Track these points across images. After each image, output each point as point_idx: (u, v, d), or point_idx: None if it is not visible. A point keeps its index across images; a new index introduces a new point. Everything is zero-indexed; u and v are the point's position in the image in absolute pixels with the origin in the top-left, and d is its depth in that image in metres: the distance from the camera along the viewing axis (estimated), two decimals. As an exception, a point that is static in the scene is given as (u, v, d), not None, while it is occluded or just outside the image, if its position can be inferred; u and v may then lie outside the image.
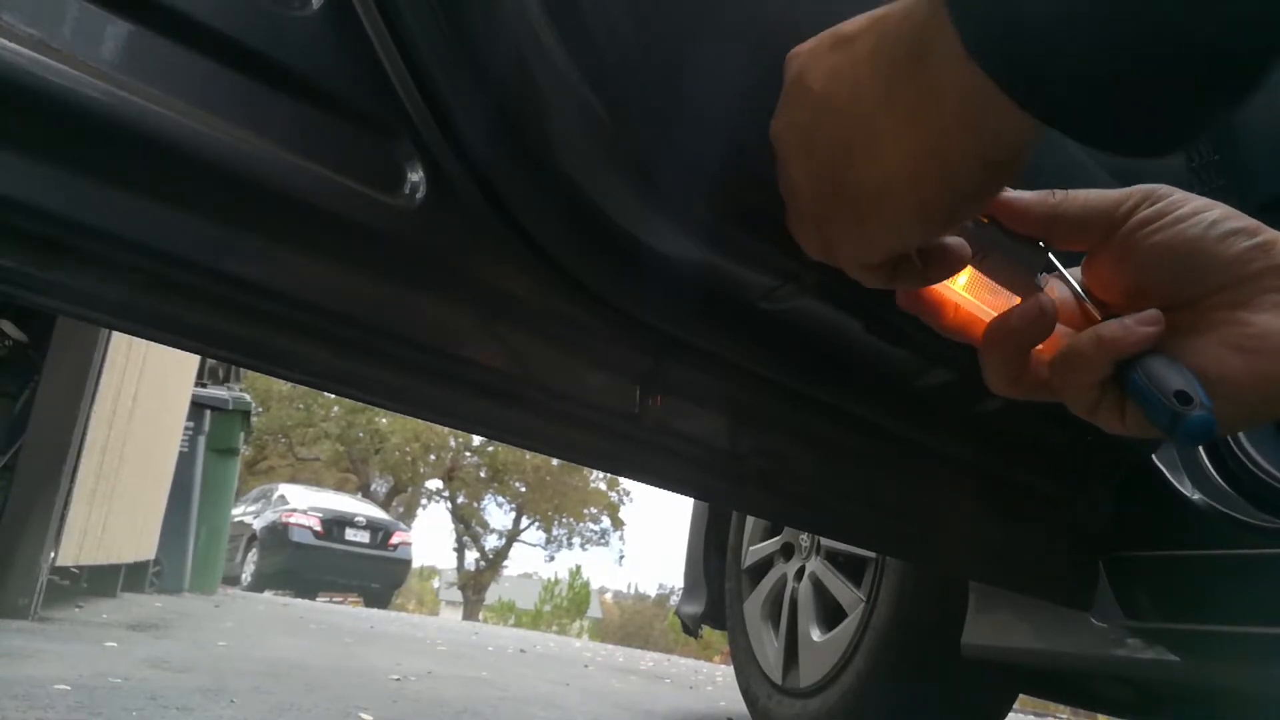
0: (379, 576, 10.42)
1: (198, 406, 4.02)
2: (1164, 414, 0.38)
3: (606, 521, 20.37)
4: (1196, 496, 0.92)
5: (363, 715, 1.51)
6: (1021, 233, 0.44)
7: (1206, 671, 0.90)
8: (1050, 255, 0.45)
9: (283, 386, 15.48)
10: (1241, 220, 0.42)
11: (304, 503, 10.38)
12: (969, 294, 0.46)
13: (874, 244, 0.41)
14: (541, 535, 20.51)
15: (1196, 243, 0.41)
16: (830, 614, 1.49)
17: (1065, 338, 0.44)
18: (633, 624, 20.24)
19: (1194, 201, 0.42)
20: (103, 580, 3.27)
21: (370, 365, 0.54)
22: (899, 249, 0.41)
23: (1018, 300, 0.45)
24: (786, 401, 0.72)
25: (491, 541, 19.97)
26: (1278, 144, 1.00)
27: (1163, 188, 0.43)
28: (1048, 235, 0.45)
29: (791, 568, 1.61)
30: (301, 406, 17.07)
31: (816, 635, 1.49)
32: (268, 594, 7.85)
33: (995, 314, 0.45)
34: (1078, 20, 0.28)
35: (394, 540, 10.59)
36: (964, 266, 0.44)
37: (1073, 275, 0.46)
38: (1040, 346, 0.44)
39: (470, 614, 18.31)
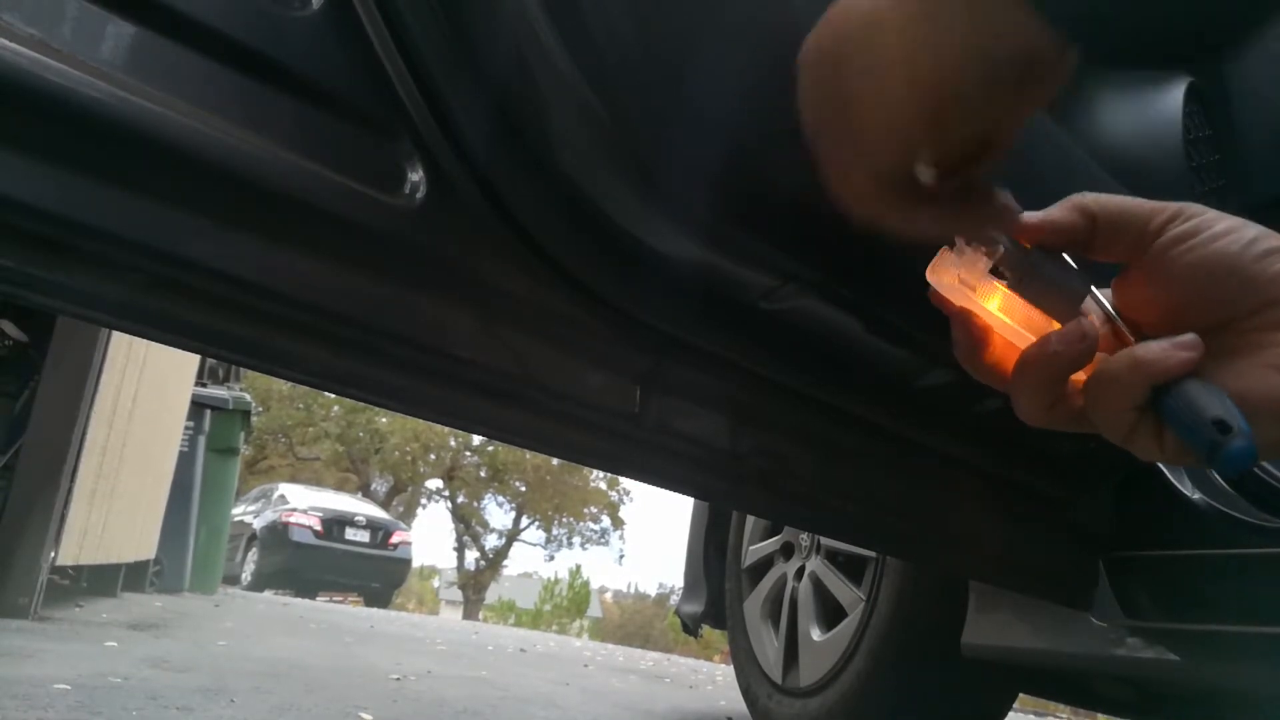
0: (379, 576, 10.42)
1: (198, 406, 4.02)
2: (1203, 442, 0.37)
3: (606, 521, 20.40)
4: (1196, 496, 0.92)
5: (363, 715, 1.51)
6: (1061, 246, 0.43)
7: (1206, 671, 0.90)
8: (1079, 271, 0.44)
9: (283, 386, 15.49)
10: (1277, 239, 0.41)
11: (304, 502, 10.38)
12: (1005, 320, 0.44)
13: (876, 151, 0.40)
14: (541, 535, 20.53)
15: (1234, 260, 0.40)
16: (830, 614, 1.49)
17: (1100, 363, 0.42)
18: (633, 623, 20.25)
19: (1227, 220, 0.41)
20: (103, 580, 3.27)
21: (370, 365, 0.54)
22: (902, 158, 0.40)
23: (1055, 326, 0.43)
24: (786, 401, 0.72)
25: (491, 541, 20.00)
26: (1278, 144, 1.00)
27: (1194, 206, 0.42)
28: (1087, 243, 0.43)
29: (791, 567, 1.61)
30: (301, 406, 17.07)
31: (816, 635, 1.49)
32: (268, 594, 7.85)
33: (1032, 339, 0.43)
34: None
35: (394, 540, 10.58)
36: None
37: (1104, 296, 0.44)
38: (1078, 375, 0.43)
39: (470, 613, 18.32)
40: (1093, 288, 0.44)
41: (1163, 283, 0.42)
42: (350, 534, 10.24)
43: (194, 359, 3.70)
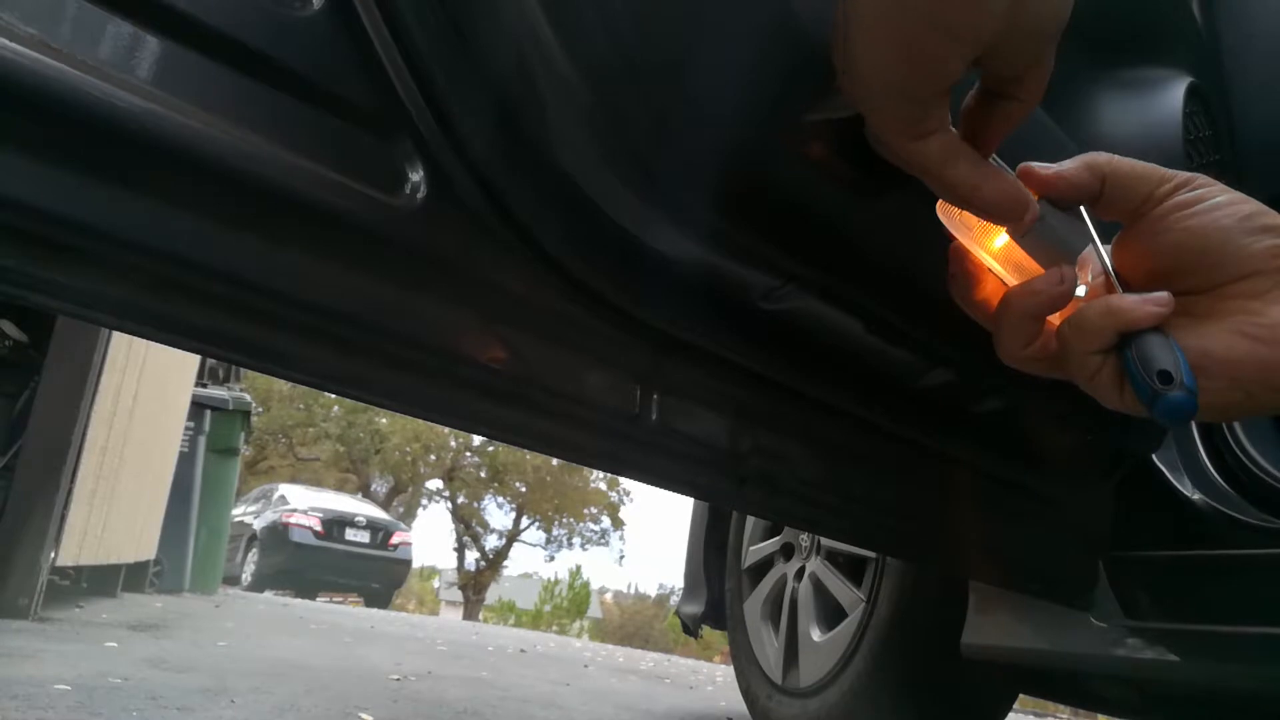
0: (379, 576, 10.42)
1: (198, 406, 4.02)
2: (1145, 390, 0.40)
3: (606, 521, 20.37)
4: (1196, 496, 0.92)
5: (363, 715, 1.51)
6: (1069, 200, 0.45)
7: (1206, 671, 0.90)
8: (1090, 226, 0.46)
9: (283, 386, 15.49)
10: (1273, 218, 0.43)
11: (304, 503, 10.38)
12: (999, 263, 0.47)
13: (922, 57, 0.38)
14: (541, 535, 20.51)
15: (1227, 232, 0.42)
16: (830, 614, 1.49)
17: (1076, 308, 0.45)
18: (633, 624, 20.25)
19: (1230, 194, 0.44)
20: (103, 580, 3.27)
21: (370, 365, 0.54)
22: (942, 61, 0.38)
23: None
24: (786, 401, 0.72)
25: (491, 541, 19.96)
26: (1278, 144, 1.00)
27: (1202, 177, 0.44)
28: (1094, 200, 0.45)
29: (791, 568, 1.61)
30: (301, 406, 17.07)
31: (816, 635, 1.49)
32: (268, 594, 7.85)
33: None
34: None
35: (394, 540, 10.59)
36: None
37: (1106, 251, 0.47)
38: (1054, 318, 0.45)
39: (470, 614, 18.31)
40: (1097, 240, 0.46)
41: (1157, 244, 0.44)
42: (350, 534, 10.24)
43: (194, 359, 3.70)
